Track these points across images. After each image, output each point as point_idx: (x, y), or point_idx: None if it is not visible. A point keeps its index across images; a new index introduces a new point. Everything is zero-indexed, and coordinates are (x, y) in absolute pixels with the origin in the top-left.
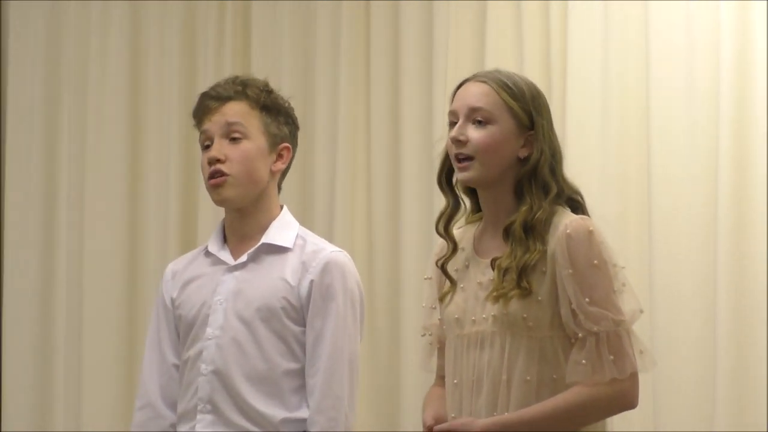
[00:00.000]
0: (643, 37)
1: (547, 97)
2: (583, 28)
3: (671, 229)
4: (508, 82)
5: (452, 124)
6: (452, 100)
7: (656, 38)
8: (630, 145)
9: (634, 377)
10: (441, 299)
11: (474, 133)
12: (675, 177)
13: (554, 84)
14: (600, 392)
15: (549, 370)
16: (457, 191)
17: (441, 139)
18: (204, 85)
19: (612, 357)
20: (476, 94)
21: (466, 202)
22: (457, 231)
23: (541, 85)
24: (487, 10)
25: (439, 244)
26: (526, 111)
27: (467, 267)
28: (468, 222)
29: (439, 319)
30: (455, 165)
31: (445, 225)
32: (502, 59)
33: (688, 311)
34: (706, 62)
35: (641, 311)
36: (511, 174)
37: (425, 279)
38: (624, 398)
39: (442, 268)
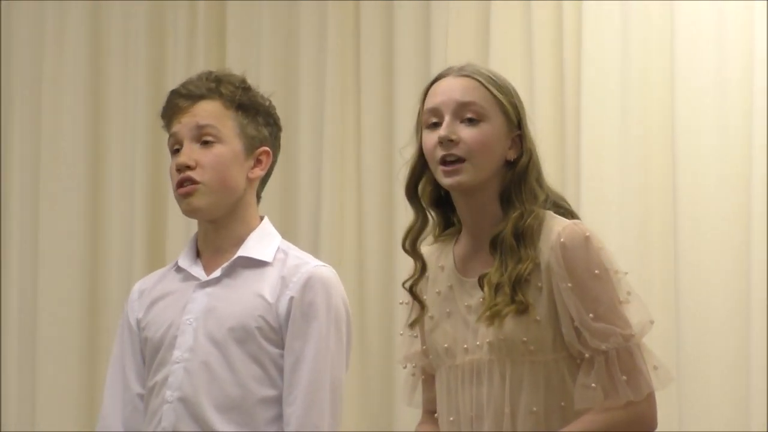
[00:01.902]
0: (668, 35)
1: (560, 102)
2: (599, 27)
3: (699, 239)
4: (492, 76)
5: (432, 125)
6: (425, 99)
7: (682, 36)
8: (653, 150)
9: (650, 397)
10: (411, 326)
11: (466, 132)
12: (702, 184)
13: (567, 89)
14: (615, 418)
15: (556, 397)
16: (423, 204)
17: (406, 146)
18: (174, 81)
19: (625, 377)
20: (463, 89)
21: (433, 216)
22: (430, 247)
23: (553, 90)
24: (491, 11)
25: (413, 265)
26: (514, 107)
27: (451, 289)
28: (437, 239)
29: (423, 348)
30: (440, 169)
31: (412, 242)
32: (509, 59)
33: (718, 328)
34: (737, 60)
35: (651, 322)
36: (497, 179)
37: (400, 304)
38: (642, 422)
39: (411, 291)
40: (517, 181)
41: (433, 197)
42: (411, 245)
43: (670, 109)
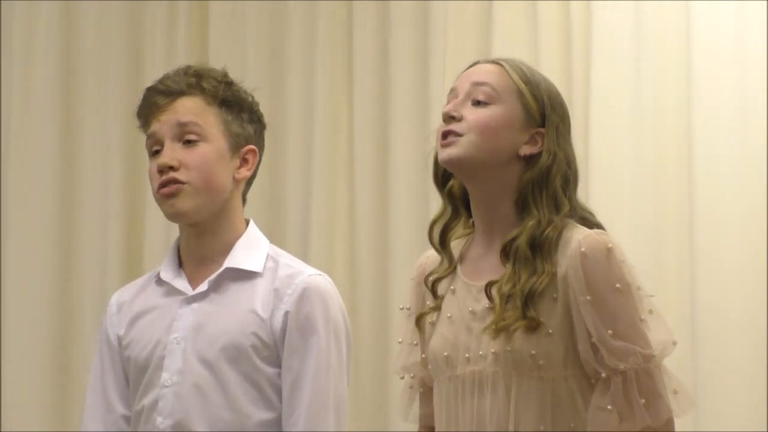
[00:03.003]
0: (684, 35)
1: (567, 104)
2: (609, 27)
3: (716, 246)
4: (524, 68)
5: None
6: (455, 82)
7: (699, 36)
8: (667, 154)
9: (670, 423)
10: (418, 321)
11: (471, 111)
12: (720, 183)
13: (575, 94)
14: None
15: (566, 417)
16: (455, 196)
17: (435, 130)
18: (153, 77)
19: (643, 400)
20: (483, 71)
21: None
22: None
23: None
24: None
25: (420, 263)
26: (538, 100)
27: (453, 292)
28: (456, 237)
29: (423, 357)
30: (438, 146)
31: (441, 234)
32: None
33: (736, 339)
34: (756, 55)
35: (674, 342)
36: (510, 174)
37: (401, 309)
38: None
39: (433, 287)
40: (538, 182)
41: (460, 193)
42: (440, 239)
43: (686, 110)
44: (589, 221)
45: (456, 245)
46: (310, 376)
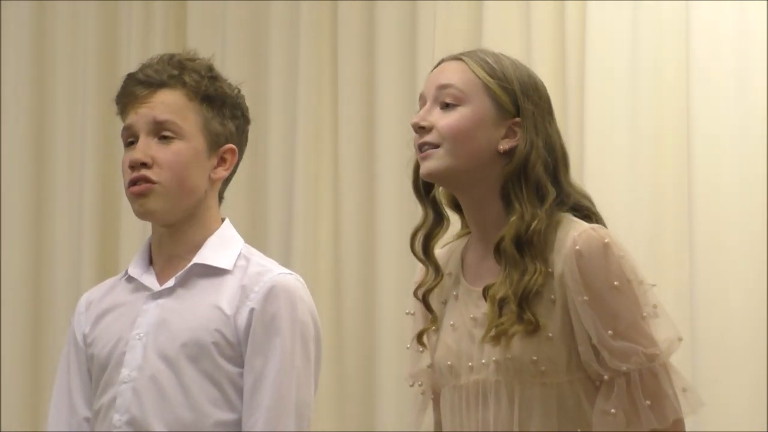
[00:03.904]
0: (683, 35)
1: (563, 108)
2: (605, 27)
3: (716, 250)
4: (489, 59)
5: None
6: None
7: (698, 37)
8: (665, 155)
9: (678, 424)
10: (419, 339)
11: (439, 118)
12: (720, 187)
13: (570, 95)
14: None
15: (571, 423)
16: (439, 202)
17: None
18: (127, 64)
19: (649, 402)
20: (446, 72)
21: (452, 216)
22: (441, 250)
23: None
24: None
25: (421, 268)
26: (508, 92)
27: (456, 298)
28: (458, 236)
29: (429, 365)
30: (418, 157)
31: (423, 243)
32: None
33: (735, 344)
34: (756, 55)
35: (680, 339)
36: (493, 173)
37: (407, 314)
38: None
39: (424, 300)
40: (516, 176)
41: (449, 197)
42: (422, 248)
43: (684, 110)
44: (584, 209)
45: (457, 247)
46: (271, 377)
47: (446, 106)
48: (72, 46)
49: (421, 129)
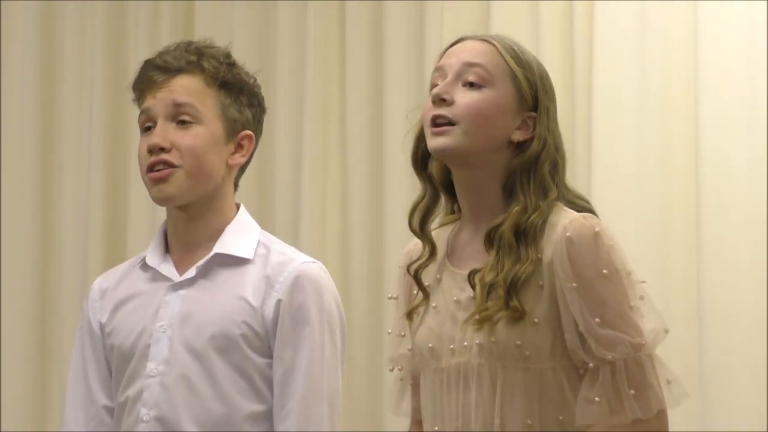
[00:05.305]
0: (691, 35)
1: (571, 100)
2: (613, 27)
3: (723, 241)
4: (515, 47)
5: (436, 86)
6: (440, 59)
7: (706, 35)
8: (673, 154)
9: (661, 415)
10: (409, 315)
11: (462, 95)
12: (728, 180)
13: (578, 95)
14: None
15: (554, 410)
16: (433, 178)
17: (416, 108)
18: (135, 54)
19: (633, 391)
20: (474, 51)
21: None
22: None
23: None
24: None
25: (407, 250)
26: (532, 84)
27: (439, 280)
28: (443, 223)
29: (409, 349)
30: (429, 131)
31: (421, 220)
32: None
33: (742, 330)
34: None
35: (666, 330)
36: (500, 161)
37: (389, 298)
38: None
39: (415, 277)
40: (526, 169)
41: (441, 177)
42: (419, 224)
43: (693, 109)
44: (577, 205)
45: (443, 232)
46: (303, 368)
47: (470, 85)
48: (80, 45)
49: (441, 101)
